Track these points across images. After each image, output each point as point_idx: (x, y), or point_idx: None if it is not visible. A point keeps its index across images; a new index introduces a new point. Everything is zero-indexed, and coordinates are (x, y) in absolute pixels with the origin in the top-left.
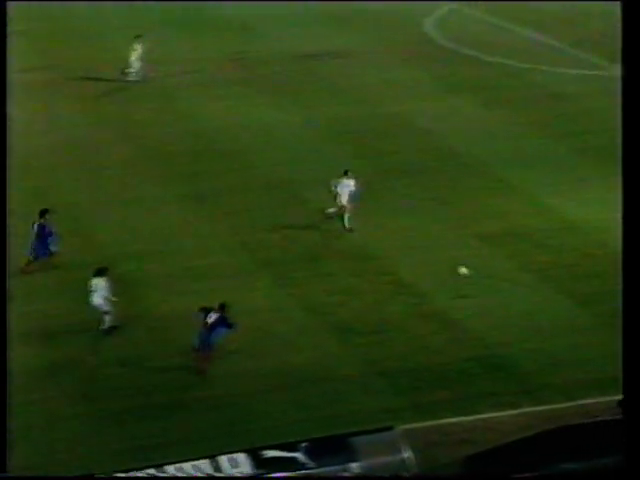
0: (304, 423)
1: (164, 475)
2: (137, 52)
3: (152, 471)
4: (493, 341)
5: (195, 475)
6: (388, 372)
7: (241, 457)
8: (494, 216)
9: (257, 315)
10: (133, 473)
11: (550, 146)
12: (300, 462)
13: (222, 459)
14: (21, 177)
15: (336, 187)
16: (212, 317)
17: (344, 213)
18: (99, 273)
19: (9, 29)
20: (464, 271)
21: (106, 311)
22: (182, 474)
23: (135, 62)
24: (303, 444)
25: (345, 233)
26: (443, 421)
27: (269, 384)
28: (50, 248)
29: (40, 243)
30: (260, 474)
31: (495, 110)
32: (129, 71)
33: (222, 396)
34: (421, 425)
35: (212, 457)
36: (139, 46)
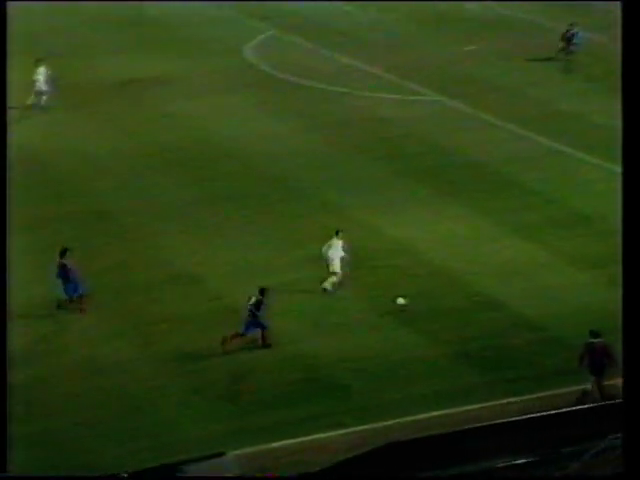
0: (138, 453)
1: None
2: None
3: None
4: (321, 362)
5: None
6: (214, 398)
7: None
8: (319, 239)
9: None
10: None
11: (371, 169)
12: None
13: None
14: None
15: (327, 251)
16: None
17: (333, 277)
18: None
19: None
20: (401, 301)
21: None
22: None
23: None
24: (127, 475)
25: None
26: (273, 445)
27: (98, 413)
28: (78, 289)
29: (68, 283)
30: None
31: (317, 134)
32: None
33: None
34: (252, 450)
35: None
36: None
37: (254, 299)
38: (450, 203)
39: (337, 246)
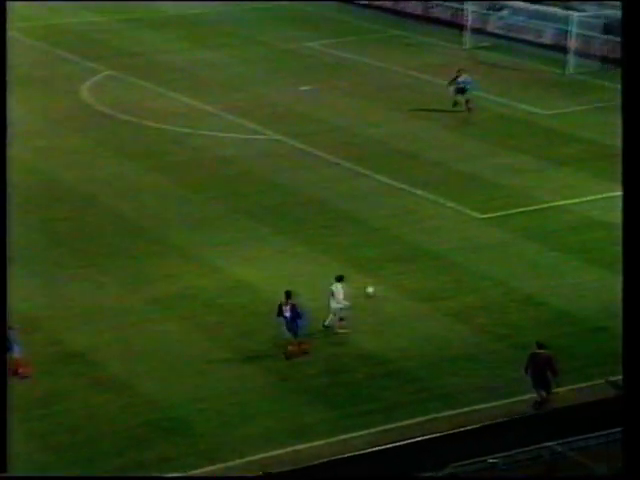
0: None
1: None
2: None
3: None
4: (166, 404)
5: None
6: (57, 446)
7: None
8: (164, 279)
9: None
10: None
11: (212, 208)
12: None
13: None
14: None
15: (333, 295)
16: (287, 310)
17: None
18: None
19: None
20: (370, 290)
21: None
22: None
23: None
24: None
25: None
26: None
27: None
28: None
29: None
30: None
31: (158, 174)
32: None
33: None
34: None
35: None
36: None
37: (289, 305)
38: (291, 240)
39: (339, 291)
